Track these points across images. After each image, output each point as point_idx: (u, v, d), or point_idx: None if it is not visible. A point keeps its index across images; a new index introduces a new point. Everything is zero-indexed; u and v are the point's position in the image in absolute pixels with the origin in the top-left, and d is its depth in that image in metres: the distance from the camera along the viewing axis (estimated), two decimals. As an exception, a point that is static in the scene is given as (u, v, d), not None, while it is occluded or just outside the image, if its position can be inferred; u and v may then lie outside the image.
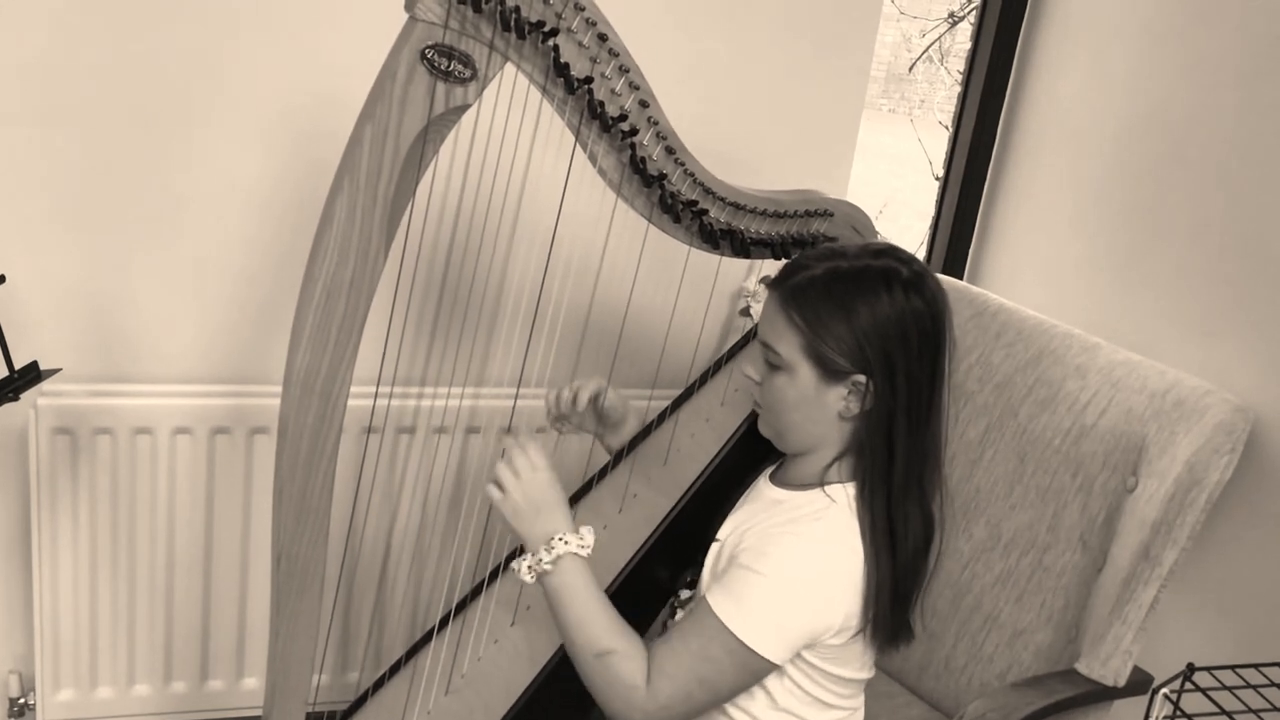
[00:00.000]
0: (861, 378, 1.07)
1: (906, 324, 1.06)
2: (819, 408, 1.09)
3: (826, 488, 1.10)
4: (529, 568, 1.09)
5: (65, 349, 1.56)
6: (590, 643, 1.07)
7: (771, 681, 1.11)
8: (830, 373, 1.07)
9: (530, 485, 1.10)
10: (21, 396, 1.22)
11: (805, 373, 1.08)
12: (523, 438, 1.13)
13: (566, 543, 1.08)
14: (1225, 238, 1.48)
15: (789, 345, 1.08)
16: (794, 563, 1.07)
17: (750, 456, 1.26)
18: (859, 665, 1.13)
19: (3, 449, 1.59)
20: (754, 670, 1.06)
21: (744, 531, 1.13)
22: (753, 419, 1.21)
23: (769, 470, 1.22)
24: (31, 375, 1.23)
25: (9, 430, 1.58)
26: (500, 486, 1.11)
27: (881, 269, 1.07)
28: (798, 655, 1.08)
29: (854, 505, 1.09)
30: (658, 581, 1.25)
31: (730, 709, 1.13)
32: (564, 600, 1.08)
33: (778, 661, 1.06)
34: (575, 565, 1.08)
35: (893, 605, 1.08)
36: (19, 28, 1.44)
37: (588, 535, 1.10)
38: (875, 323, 1.05)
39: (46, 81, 1.47)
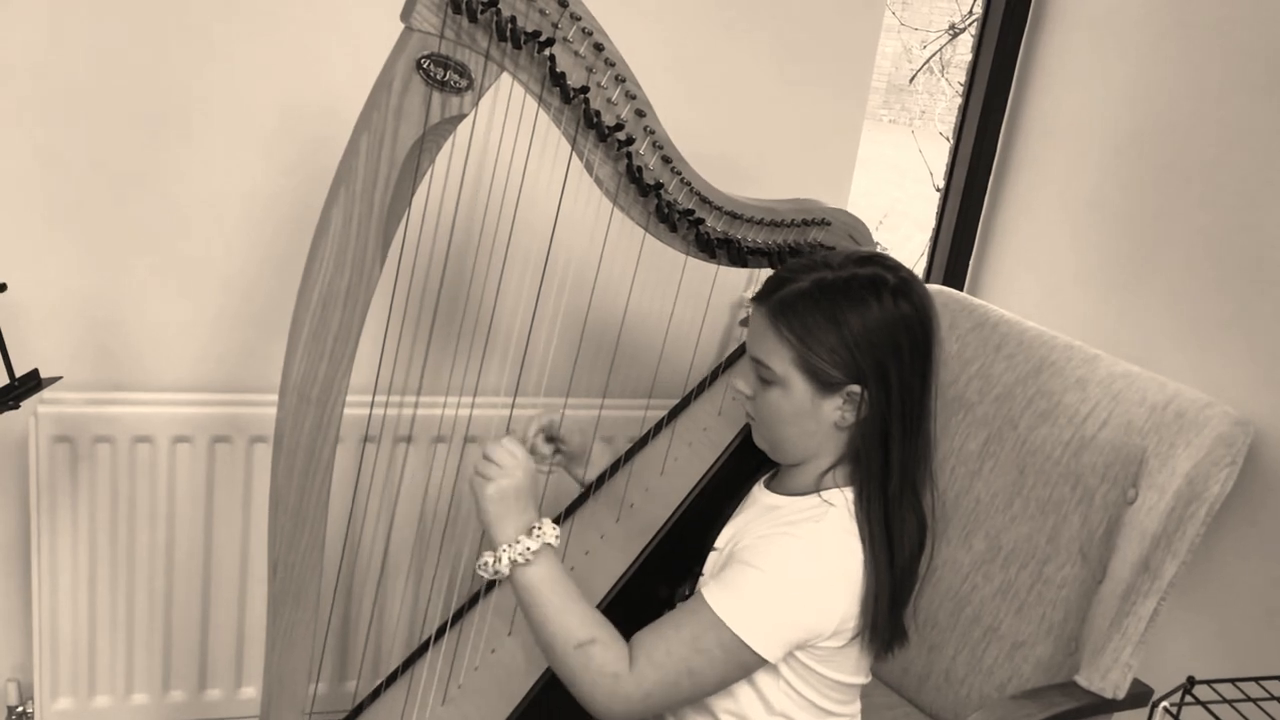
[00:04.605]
0: (856, 388, 1.06)
1: (897, 331, 1.06)
2: (815, 420, 1.09)
3: (824, 493, 1.10)
4: (510, 559, 1.04)
5: (66, 357, 1.56)
6: (570, 633, 1.04)
7: (766, 684, 1.10)
8: (825, 385, 1.07)
9: (514, 474, 1.07)
10: (22, 404, 1.23)
11: (799, 386, 1.08)
12: (506, 437, 1.11)
13: (543, 532, 1.06)
14: (1225, 250, 1.47)
15: (781, 360, 1.08)
16: (793, 561, 1.06)
17: (748, 466, 1.25)
18: (854, 669, 1.13)
19: (3, 457, 1.59)
20: (744, 664, 1.05)
21: (742, 536, 1.13)
22: (749, 428, 1.21)
23: (764, 478, 1.21)
24: (32, 383, 1.24)
25: (9, 438, 1.58)
26: (485, 475, 1.07)
27: (868, 277, 1.07)
28: (791, 656, 1.08)
29: (853, 509, 1.09)
30: (654, 593, 1.25)
31: (724, 716, 1.12)
32: (543, 591, 1.04)
33: (769, 658, 1.05)
34: (552, 556, 1.06)
35: (890, 610, 1.08)
36: (17, 35, 1.45)
37: (557, 527, 1.08)
38: (866, 332, 1.05)
39: (45, 91, 1.48)
